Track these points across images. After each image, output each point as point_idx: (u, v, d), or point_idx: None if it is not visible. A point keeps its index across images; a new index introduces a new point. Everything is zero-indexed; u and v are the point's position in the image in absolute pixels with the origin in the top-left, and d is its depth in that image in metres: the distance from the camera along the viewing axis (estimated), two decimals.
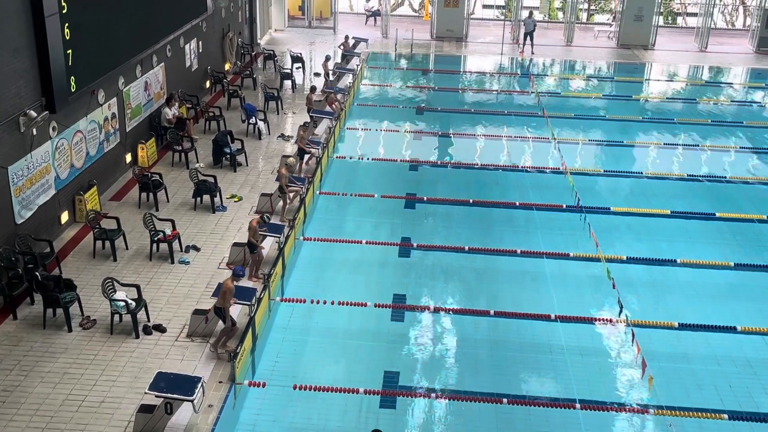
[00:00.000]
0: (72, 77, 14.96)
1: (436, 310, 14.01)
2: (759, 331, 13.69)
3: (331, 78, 26.46)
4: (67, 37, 14.67)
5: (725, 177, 20.72)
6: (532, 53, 33.15)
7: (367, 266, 15.56)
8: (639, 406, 11.81)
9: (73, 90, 15.05)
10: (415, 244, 16.37)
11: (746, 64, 33.10)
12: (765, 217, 18.07)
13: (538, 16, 35.44)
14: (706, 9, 35.41)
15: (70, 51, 14.78)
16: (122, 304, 12.65)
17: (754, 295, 15.06)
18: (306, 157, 19.53)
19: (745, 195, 19.61)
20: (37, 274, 12.92)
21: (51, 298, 12.72)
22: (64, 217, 15.67)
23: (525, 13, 34.64)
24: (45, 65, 14.17)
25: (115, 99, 17.73)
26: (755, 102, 28.35)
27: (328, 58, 27.06)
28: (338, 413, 11.45)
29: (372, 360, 12.69)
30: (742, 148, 23.20)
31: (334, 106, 22.67)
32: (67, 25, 14.61)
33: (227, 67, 27.35)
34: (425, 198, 18.56)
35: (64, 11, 14.49)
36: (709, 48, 34.88)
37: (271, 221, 15.11)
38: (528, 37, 33.15)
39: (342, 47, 30.27)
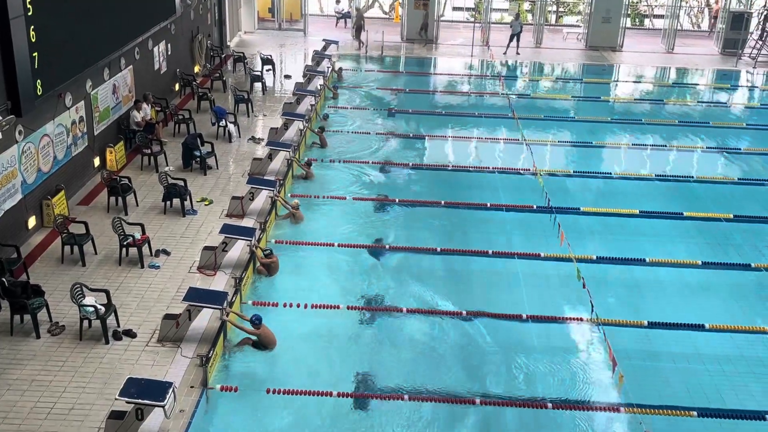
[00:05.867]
0: (38, 80, 14.72)
1: (409, 312, 14.02)
2: (726, 328, 13.88)
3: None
4: (33, 40, 14.44)
5: (692, 177, 20.99)
6: (517, 53, 33.72)
7: (339, 268, 15.52)
8: (610, 405, 11.91)
9: (39, 93, 14.81)
10: (387, 246, 16.38)
11: (712, 66, 33.62)
12: (731, 216, 18.33)
13: (508, 18, 35.88)
14: (672, 11, 35.92)
15: (36, 54, 14.54)
16: (91, 309, 12.51)
17: (721, 293, 15.27)
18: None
19: (712, 194, 19.86)
20: (4, 280, 12.71)
21: (18, 304, 12.53)
22: (32, 222, 15.46)
23: (513, 16, 35.36)
24: (10, 68, 13.91)
25: (82, 102, 17.53)
26: (721, 102, 28.80)
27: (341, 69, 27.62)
28: (311, 417, 11.41)
29: (344, 363, 12.66)
30: (708, 148, 23.55)
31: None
32: (32, 27, 14.38)
33: (197, 69, 27.17)
34: (397, 200, 18.58)
35: (30, 13, 14.26)
36: (676, 49, 35.40)
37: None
38: (514, 39, 33.70)
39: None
